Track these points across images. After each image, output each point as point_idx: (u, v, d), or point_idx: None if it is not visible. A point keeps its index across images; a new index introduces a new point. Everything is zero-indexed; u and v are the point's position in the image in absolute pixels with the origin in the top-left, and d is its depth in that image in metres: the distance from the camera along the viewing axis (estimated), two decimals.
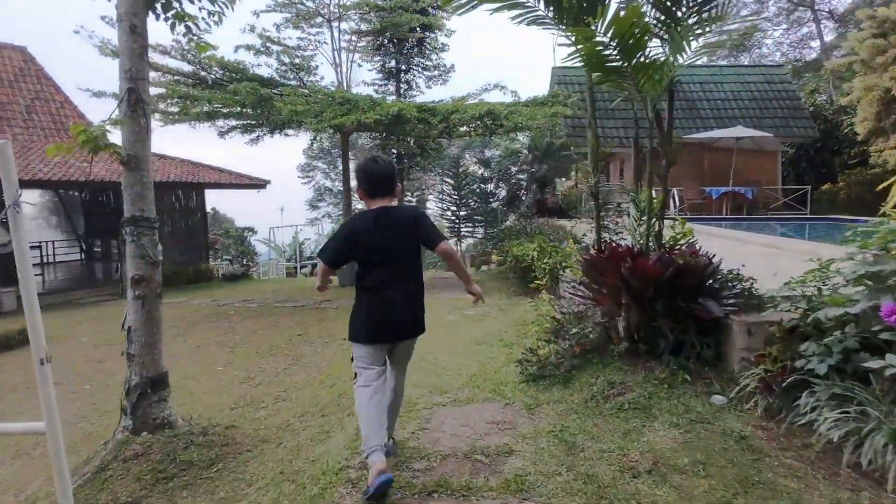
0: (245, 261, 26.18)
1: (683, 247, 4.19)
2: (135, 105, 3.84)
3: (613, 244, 4.27)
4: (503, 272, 12.04)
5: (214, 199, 45.07)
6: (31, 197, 19.38)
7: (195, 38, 4.36)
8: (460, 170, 61.71)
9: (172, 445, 3.61)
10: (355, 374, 2.92)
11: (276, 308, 10.56)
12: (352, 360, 2.96)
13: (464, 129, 11.27)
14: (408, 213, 3.03)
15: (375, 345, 2.89)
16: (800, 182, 18.47)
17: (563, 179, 24.59)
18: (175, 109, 10.78)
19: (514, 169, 54.70)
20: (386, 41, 22.53)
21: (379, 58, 22.59)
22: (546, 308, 5.64)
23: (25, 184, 12.37)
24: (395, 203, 2.94)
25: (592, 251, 4.51)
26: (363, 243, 2.84)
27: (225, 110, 10.81)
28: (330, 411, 4.16)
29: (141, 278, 3.79)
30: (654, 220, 4.04)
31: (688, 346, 3.67)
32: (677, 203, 14.94)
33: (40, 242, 18.80)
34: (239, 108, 10.28)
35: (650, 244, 4.02)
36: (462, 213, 59.11)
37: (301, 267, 28.72)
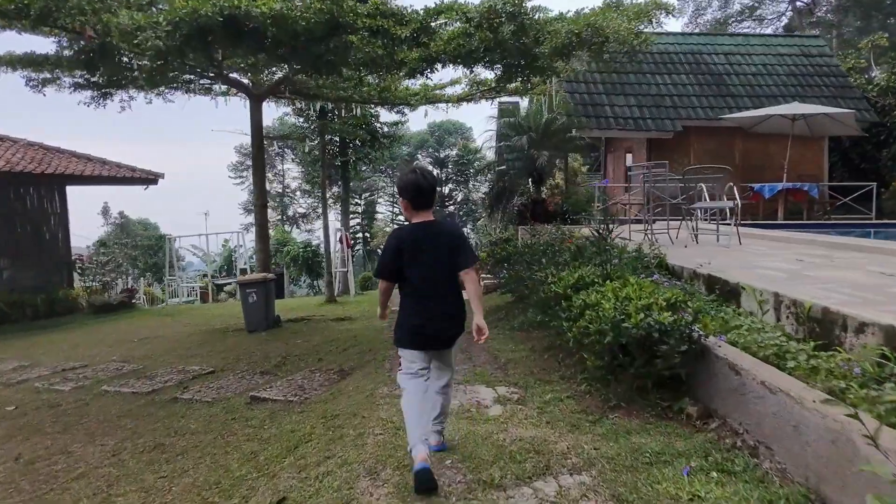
0: (131, 283, 20.60)
1: None
2: None
3: None
4: (511, 315, 7.53)
5: (127, 203, 38.76)
6: None
7: None
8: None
9: None
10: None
11: (101, 398, 5.58)
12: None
13: (458, 71, 6.54)
14: (454, 230, 3.19)
15: (417, 351, 2.95)
16: (829, 178, 14.77)
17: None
18: None
19: (472, 170, 50.12)
20: None
21: None
22: None
23: None
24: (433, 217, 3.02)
25: None
26: (409, 254, 2.89)
27: None
28: None
29: None
30: None
31: None
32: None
33: None
34: None
35: None
36: None
37: (222, 286, 23.14)
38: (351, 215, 48.68)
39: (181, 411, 4.96)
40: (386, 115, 18.46)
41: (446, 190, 57.47)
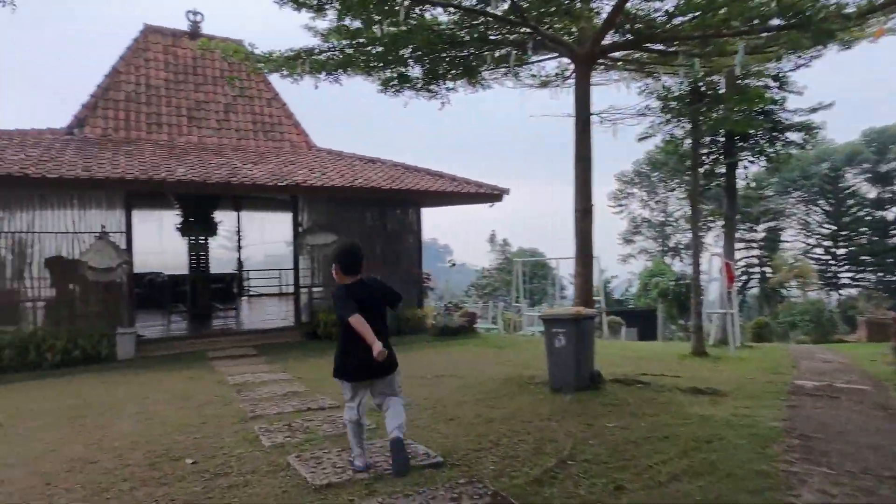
0: (480, 307, 20.18)
1: None
2: None
3: None
4: None
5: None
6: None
7: None
8: (839, 192, 44.29)
9: None
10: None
11: (267, 479, 3.66)
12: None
13: None
14: (378, 284, 3.89)
15: (357, 382, 3.78)
16: None
17: None
18: None
19: None
20: None
21: None
22: None
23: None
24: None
25: None
26: (357, 302, 3.64)
27: None
28: None
29: None
30: None
31: None
32: None
33: None
34: None
35: None
36: (840, 253, 42.52)
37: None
38: (745, 245, 40.84)
39: None
40: (795, 101, 13.14)
41: (891, 216, 42.72)
